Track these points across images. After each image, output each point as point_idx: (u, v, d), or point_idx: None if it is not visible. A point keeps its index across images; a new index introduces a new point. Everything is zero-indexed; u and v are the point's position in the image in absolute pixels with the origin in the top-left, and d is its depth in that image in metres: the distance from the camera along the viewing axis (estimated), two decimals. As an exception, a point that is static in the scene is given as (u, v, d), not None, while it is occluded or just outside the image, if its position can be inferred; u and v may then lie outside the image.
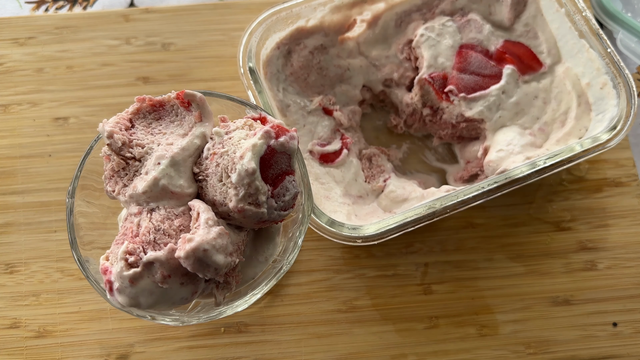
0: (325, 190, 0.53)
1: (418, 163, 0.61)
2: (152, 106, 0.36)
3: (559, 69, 0.57)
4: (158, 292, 0.32)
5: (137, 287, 0.32)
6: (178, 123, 0.36)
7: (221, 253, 0.32)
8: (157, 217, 0.34)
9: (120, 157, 0.35)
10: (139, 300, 0.32)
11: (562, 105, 0.56)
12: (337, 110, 0.57)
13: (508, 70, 0.56)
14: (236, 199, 0.33)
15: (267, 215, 0.34)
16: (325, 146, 0.56)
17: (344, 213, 0.52)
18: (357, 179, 0.56)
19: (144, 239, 0.33)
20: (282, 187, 0.34)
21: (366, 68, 0.59)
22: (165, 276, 0.32)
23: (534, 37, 0.58)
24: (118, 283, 0.32)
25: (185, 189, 0.34)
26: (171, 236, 0.33)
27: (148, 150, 0.35)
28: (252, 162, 0.32)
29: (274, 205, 0.34)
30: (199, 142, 0.35)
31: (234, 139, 0.34)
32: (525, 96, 0.56)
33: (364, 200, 0.55)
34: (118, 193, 0.35)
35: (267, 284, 0.37)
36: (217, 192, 0.34)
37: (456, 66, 0.56)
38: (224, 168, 0.33)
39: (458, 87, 0.55)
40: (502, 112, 0.55)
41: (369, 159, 0.58)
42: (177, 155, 0.34)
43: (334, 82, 0.59)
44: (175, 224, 0.34)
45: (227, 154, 0.33)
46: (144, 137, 0.35)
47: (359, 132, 0.60)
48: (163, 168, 0.33)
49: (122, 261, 0.32)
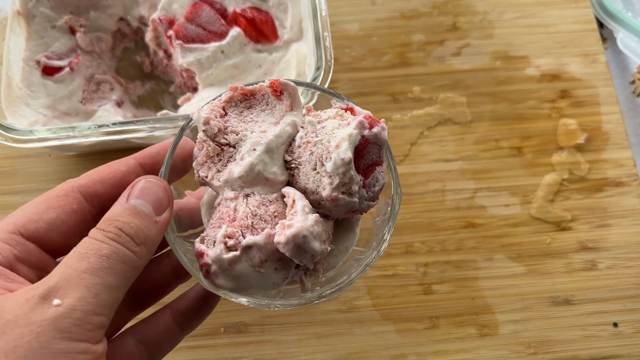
0: (30, 98, 0.55)
1: (153, 103, 0.62)
2: (244, 95, 0.37)
3: (293, 47, 0.58)
4: (254, 276, 0.33)
5: (235, 270, 0.33)
6: (269, 112, 0.37)
7: (318, 240, 0.32)
8: (253, 202, 0.34)
9: (215, 143, 0.35)
10: (235, 283, 0.33)
11: None
12: (80, 32, 0.58)
13: (234, 33, 0.56)
14: (330, 187, 0.33)
15: (358, 205, 0.34)
16: (52, 60, 0.57)
17: (40, 122, 0.54)
18: (72, 97, 0.57)
19: (242, 224, 0.33)
20: (373, 178, 0.35)
21: (128, 1, 0.60)
22: (263, 260, 0.33)
23: (284, 10, 0.58)
24: (216, 266, 0.33)
25: (279, 176, 0.35)
26: (267, 222, 0.34)
27: (242, 137, 0.35)
28: (349, 151, 0.32)
29: (364, 195, 0.34)
30: (290, 130, 0.35)
31: (327, 129, 0.34)
32: (248, 63, 0.57)
33: (71, 118, 0.57)
34: (212, 178, 0.35)
35: (356, 276, 0.38)
36: (309, 181, 0.34)
37: (186, 15, 0.56)
38: (318, 157, 0.34)
39: (178, 34, 0.56)
40: (215, 71, 0.56)
41: (97, 84, 0.59)
42: (271, 142, 0.35)
43: (89, 7, 0.60)
44: (271, 209, 0.34)
45: (321, 142, 0.34)
46: (238, 124, 0.36)
47: (105, 60, 0.61)
48: (259, 154, 0.34)
49: (222, 244, 0.32)
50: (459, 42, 0.66)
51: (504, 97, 0.64)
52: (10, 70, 0.54)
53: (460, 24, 0.67)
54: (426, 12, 0.67)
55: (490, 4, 0.68)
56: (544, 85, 0.64)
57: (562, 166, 0.61)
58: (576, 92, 0.64)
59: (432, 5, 0.67)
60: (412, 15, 0.67)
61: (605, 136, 0.62)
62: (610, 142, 0.62)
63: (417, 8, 0.67)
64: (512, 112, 0.63)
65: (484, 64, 0.65)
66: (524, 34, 0.67)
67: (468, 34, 0.66)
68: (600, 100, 0.64)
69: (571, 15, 0.67)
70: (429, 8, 0.67)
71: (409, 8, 0.67)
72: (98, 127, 0.49)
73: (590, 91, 0.64)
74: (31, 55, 0.56)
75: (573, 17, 0.67)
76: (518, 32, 0.67)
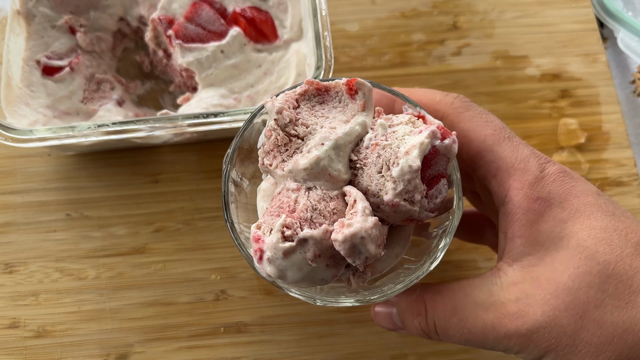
0: (30, 98, 0.55)
1: (153, 102, 0.62)
2: (318, 90, 0.37)
3: (293, 47, 0.58)
4: (305, 269, 0.33)
5: (288, 261, 0.33)
6: (341, 109, 0.37)
7: (374, 243, 0.32)
8: (314, 196, 0.34)
9: (285, 133, 0.35)
10: (286, 274, 0.33)
11: (281, 80, 0.57)
12: (81, 32, 0.58)
13: (234, 32, 0.56)
14: (393, 192, 0.33)
15: (418, 214, 0.34)
16: (52, 60, 0.57)
17: (40, 122, 0.54)
18: (73, 97, 0.57)
19: (302, 216, 0.33)
20: (437, 189, 0.34)
21: (128, 1, 0.60)
22: (316, 255, 0.33)
23: (284, 10, 0.58)
24: (270, 253, 0.33)
25: (342, 174, 0.35)
26: (325, 217, 0.34)
27: (312, 130, 0.36)
28: (418, 160, 0.32)
29: (425, 205, 0.34)
30: (360, 130, 0.35)
31: (398, 134, 0.34)
32: (247, 63, 0.56)
33: (71, 117, 0.57)
34: (276, 167, 0.35)
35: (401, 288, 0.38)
36: (372, 183, 0.34)
37: (185, 15, 0.56)
38: (385, 160, 0.34)
39: (177, 33, 0.55)
40: (215, 71, 0.56)
41: (98, 83, 0.59)
42: (340, 139, 0.35)
43: (89, 6, 0.59)
44: (331, 206, 0.34)
45: (390, 147, 0.34)
46: (308, 117, 0.36)
47: (105, 60, 0.61)
48: (326, 149, 0.34)
49: (279, 233, 0.33)
50: (459, 41, 0.66)
51: (504, 96, 0.64)
52: (10, 70, 0.54)
53: (460, 23, 0.67)
54: (426, 11, 0.67)
55: (490, 3, 0.68)
56: (544, 85, 0.64)
57: (563, 166, 0.61)
58: (576, 91, 0.64)
59: (433, 4, 0.67)
60: (412, 14, 0.67)
61: (606, 136, 0.62)
62: (610, 142, 0.62)
63: (418, 7, 0.67)
64: (513, 112, 0.63)
65: (484, 64, 0.65)
66: (525, 33, 0.66)
67: (468, 33, 0.66)
68: (601, 100, 0.64)
69: (571, 15, 0.67)
70: (429, 7, 0.67)
71: (409, 7, 0.67)
72: (98, 126, 0.49)
73: (591, 91, 0.64)
74: (31, 55, 0.56)
75: (573, 17, 0.67)
76: (518, 32, 0.67)
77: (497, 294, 0.35)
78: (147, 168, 0.60)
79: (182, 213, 0.58)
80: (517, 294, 0.34)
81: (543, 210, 0.35)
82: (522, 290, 0.34)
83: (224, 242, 0.57)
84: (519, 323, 0.33)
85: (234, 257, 0.56)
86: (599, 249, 0.33)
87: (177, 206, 0.58)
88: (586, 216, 0.34)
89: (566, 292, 0.33)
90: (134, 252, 0.57)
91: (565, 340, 0.33)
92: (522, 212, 0.36)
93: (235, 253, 0.56)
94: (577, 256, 0.33)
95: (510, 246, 0.37)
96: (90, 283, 0.56)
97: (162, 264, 0.56)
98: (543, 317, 0.33)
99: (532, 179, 0.36)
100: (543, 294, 0.33)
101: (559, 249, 0.34)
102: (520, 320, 0.33)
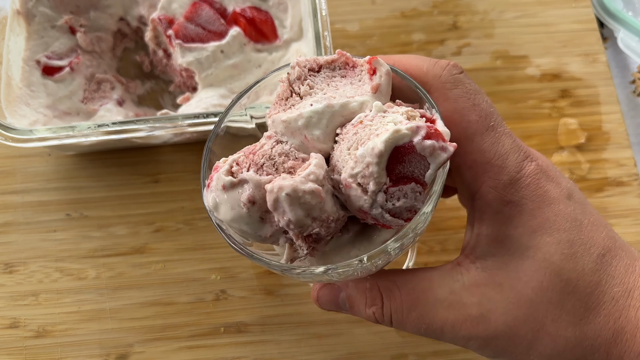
0: (30, 97, 0.55)
1: (153, 102, 0.62)
2: (346, 63, 0.36)
3: (294, 46, 0.58)
4: (237, 211, 0.33)
5: (225, 195, 0.33)
6: (356, 87, 0.35)
7: (301, 209, 0.31)
8: (278, 149, 0.34)
9: (290, 87, 0.35)
10: (220, 208, 0.33)
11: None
12: (81, 32, 0.58)
13: (234, 32, 0.56)
14: (349, 171, 0.31)
15: (369, 207, 0.31)
16: (52, 60, 0.57)
17: (40, 122, 0.54)
18: (73, 97, 0.57)
19: (255, 159, 0.33)
20: (401, 190, 0.31)
21: (128, 1, 0.60)
22: (250, 200, 0.32)
23: (284, 10, 0.58)
24: (214, 183, 0.33)
25: (319, 142, 0.33)
26: (278, 171, 0.33)
27: (313, 93, 0.35)
28: (383, 144, 0.30)
29: (380, 201, 0.31)
30: (356, 107, 0.33)
31: (386, 119, 0.32)
32: (247, 63, 0.57)
33: (71, 117, 0.57)
34: (269, 117, 0.36)
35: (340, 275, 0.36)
36: (339, 159, 0.33)
37: (185, 15, 0.56)
38: (358, 139, 0.32)
39: (177, 33, 0.56)
40: (214, 71, 0.56)
41: (98, 83, 0.59)
42: (330, 107, 0.33)
43: (89, 6, 0.60)
44: (289, 164, 0.33)
45: (370, 127, 0.32)
46: (320, 83, 0.35)
47: (105, 59, 0.61)
48: (311, 110, 0.33)
49: (227, 166, 0.33)
50: (460, 41, 0.66)
51: (504, 96, 0.64)
52: (10, 69, 0.54)
53: (460, 23, 0.67)
54: (426, 11, 0.67)
55: (490, 3, 0.68)
56: (544, 85, 0.64)
57: (563, 166, 0.61)
58: (576, 91, 0.64)
59: (433, 4, 0.67)
60: (413, 14, 0.67)
61: (606, 136, 0.62)
62: (610, 142, 0.62)
63: (418, 7, 0.67)
64: (513, 112, 0.63)
65: (484, 64, 0.65)
66: (525, 33, 0.66)
67: (468, 33, 0.66)
68: (601, 100, 0.64)
69: (571, 15, 0.67)
70: (429, 7, 0.67)
71: (409, 7, 0.67)
72: (98, 126, 0.49)
73: (591, 91, 0.64)
74: (31, 55, 0.56)
75: (573, 17, 0.67)
76: (518, 32, 0.66)
77: (458, 293, 0.35)
78: (147, 168, 0.60)
79: (182, 213, 0.58)
80: (479, 297, 0.35)
81: (513, 215, 0.35)
82: (485, 294, 0.35)
83: (223, 242, 0.57)
84: (480, 328, 0.34)
85: (234, 257, 0.56)
86: (563, 266, 0.34)
87: (177, 206, 0.58)
88: (556, 228, 0.34)
89: (528, 304, 0.34)
90: (134, 252, 0.57)
91: (520, 349, 0.34)
92: (491, 213, 0.35)
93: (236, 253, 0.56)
94: (542, 270, 0.34)
95: (475, 242, 0.36)
96: (90, 283, 0.56)
97: (162, 263, 0.56)
98: (503, 327, 0.34)
99: (506, 179, 0.35)
100: (505, 302, 0.34)
101: (525, 259, 0.34)
102: (481, 325, 0.34)
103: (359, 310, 0.39)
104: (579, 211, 0.35)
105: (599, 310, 0.34)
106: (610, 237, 0.35)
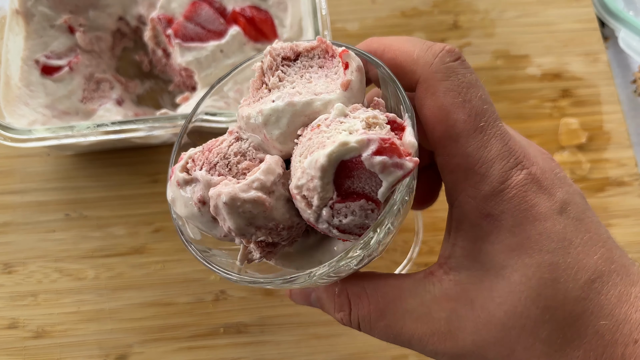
0: (29, 97, 0.55)
1: (152, 102, 0.62)
2: (326, 52, 0.33)
3: None
4: (190, 210, 0.31)
5: (179, 191, 0.32)
6: (330, 80, 0.32)
7: (241, 218, 0.29)
8: (235, 147, 0.31)
9: (261, 77, 0.33)
10: (176, 202, 0.32)
11: None
12: (80, 32, 0.58)
13: (233, 32, 0.56)
14: (295, 182, 0.29)
15: (315, 221, 0.29)
16: (51, 59, 0.57)
17: (39, 122, 0.54)
18: (72, 96, 0.57)
19: (209, 157, 0.31)
20: (348, 207, 0.28)
21: (127, 0, 0.60)
22: (201, 201, 0.31)
23: (284, 9, 0.58)
24: (174, 175, 0.32)
25: (277, 142, 0.31)
26: (231, 172, 0.31)
27: (281, 86, 0.32)
28: (326, 158, 0.27)
29: (325, 216, 0.28)
30: (320, 107, 0.30)
31: (342, 126, 0.29)
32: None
33: (70, 117, 0.57)
34: (240, 107, 0.33)
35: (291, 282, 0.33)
36: (293, 165, 0.30)
37: (185, 14, 0.56)
38: (310, 146, 0.29)
39: (176, 32, 0.56)
40: (214, 70, 0.56)
41: (97, 83, 0.59)
42: (291, 105, 0.30)
43: (88, 6, 0.59)
44: (243, 164, 0.31)
45: (324, 134, 0.28)
46: (293, 74, 0.32)
47: (104, 59, 0.61)
48: (272, 107, 0.30)
49: (184, 162, 0.32)
50: (460, 41, 0.66)
51: (505, 96, 0.63)
52: (9, 69, 0.54)
53: (461, 22, 0.66)
54: (427, 10, 0.67)
55: (491, 2, 0.67)
56: (545, 85, 0.64)
57: (564, 166, 0.60)
58: (577, 91, 0.64)
59: (433, 4, 0.67)
60: (413, 14, 0.67)
61: (607, 136, 0.62)
62: (611, 142, 0.62)
63: (418, 7, 0.67)
64: (514, 112, 0.63)
65: (485, 63, 0.65)
66: (525, 33, 0.66)
67: (469, 32, 0.66)
68: (602, 100, 0.63)
69: (572, 14, 0.67)
70: (429, 7, 0.67)
71: (409, 7, 0.67)
72: (97, 126, 0.49)
73: (592, 90, 0.64)
74: (30, 55, 0.56)
75: (574, 16, 0.67)
76: (519, 31, 0.66)
77: (428, 305, 0.33)
78: (146, 168, 0.59)
79: (182, 213, 0.58)
80: (448, 312, 0.32)
81: (490, 231, 0.31)
82: (454, 310, 0.32)
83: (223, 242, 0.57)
84: (447, 345, 0.33)
85: (233, 257, 0.56)
86: (541, 292, 0.30)
87: (176, 206, 0.58)
88: (537, 249, 0.31)
89: (499, 327, 0.31)
90: (133, 252, 0.56)
91: None
92: (468, 224, 0.32)
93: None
94: (517, 294, 0.31)
95: (450, 252, 0.34)
96: (90, 283, 0.55)
97: (161, 264, 0.56)
98: (472, 346, 0.32)
99: (488, 190, 0.31)
100: (475, 322, 0.32)
101: (500, 278, 0.31)
102: (449, 342, 0.33)
103: (328, 312, 0.38)
104: (571, 229, 0.31)
105: (579, 344, 0.30)
106: (606, 259, 0.31)
